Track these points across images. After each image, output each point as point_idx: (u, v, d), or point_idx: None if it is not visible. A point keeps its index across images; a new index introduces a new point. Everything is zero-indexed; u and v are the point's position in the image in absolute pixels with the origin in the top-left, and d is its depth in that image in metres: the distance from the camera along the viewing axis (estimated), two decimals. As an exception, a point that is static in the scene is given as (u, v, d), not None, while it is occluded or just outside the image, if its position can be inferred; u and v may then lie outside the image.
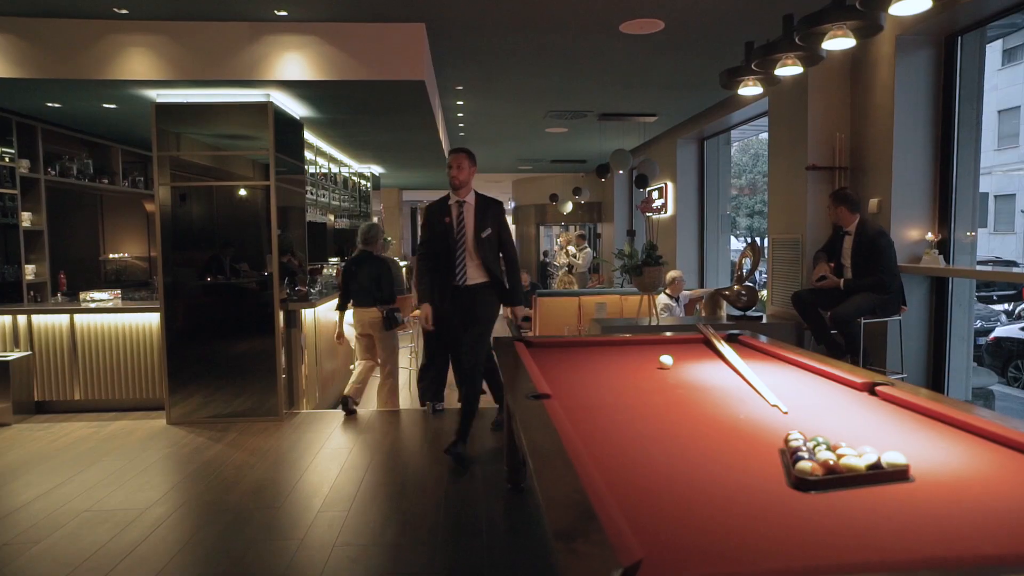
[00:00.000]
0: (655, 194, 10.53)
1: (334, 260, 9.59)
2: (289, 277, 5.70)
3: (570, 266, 12.29)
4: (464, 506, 3.49)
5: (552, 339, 3.72)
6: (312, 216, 8.19)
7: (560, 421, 2.03)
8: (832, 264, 4.82)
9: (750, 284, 5.77)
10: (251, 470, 4.02)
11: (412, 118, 6.20)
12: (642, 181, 8.68)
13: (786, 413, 2.22)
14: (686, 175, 9.81)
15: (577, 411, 2.28)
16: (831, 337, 4.74)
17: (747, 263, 5.87)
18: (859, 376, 2.59)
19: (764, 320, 5.74)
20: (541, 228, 16.58)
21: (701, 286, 9.69)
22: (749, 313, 5.75)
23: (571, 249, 12.93)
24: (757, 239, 6.36)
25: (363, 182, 10.63)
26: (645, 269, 5.49)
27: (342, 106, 5.63)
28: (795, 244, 5.63)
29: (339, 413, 5.37)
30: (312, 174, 7.97)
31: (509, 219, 24.23)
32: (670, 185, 10.04)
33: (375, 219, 11.79)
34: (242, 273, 5.40)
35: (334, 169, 8.87)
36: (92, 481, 3.87)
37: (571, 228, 16.54)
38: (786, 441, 1.79)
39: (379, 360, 5.47)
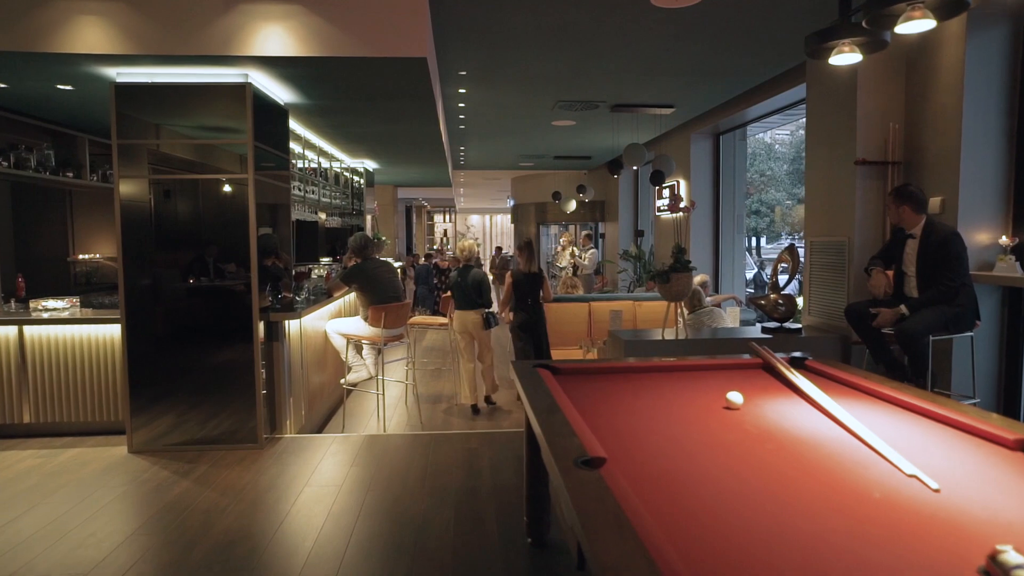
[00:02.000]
0: (665, 192, 9.94)
1: (326, 260, 8.95)
2: (272, 283, 5.06)
3: (575, 267, 11.68)
4: (477, 566, 2.87)
5: (582, 365, 3.10)
6: (301, 214, 7.56)
7: (635, 511, 1.41)
8: (891, 272, 4.23)
9: (788, 293, 5.17)
10: (221, 516, 3.38)
11: (411, 105, 5.57)
12: (658, 178, 8.08)
13: (937, 491, 1.61)
14: (700, 172, 9.24)
15: (649, 485, 1.66)
16: (891, 356, 4.14)
17: (784, 269, 5.28)
18: (1001, 428, 1.98)
19: (803, 333, 5.13)
20: (541, 227, 15.97)
21: (716, 290, 9.11)
22: (786, 325, 5.14)
23: (574, 250, 12.32)
24: (795, 242, 5.73)
25: (356, 178, 9.98)
26: (673, 276, 4.87)
27: (332, 89, 4.99)
28: (840, 248, 5.03)
29: (327, 438, 4.76)
30: (300, 169, 7.34)
31: (507, 218, 23.77)
32: (683, 183, 9.46)
33: (369, 222, 11.15)
34: (228, 274, 4.79)
35: (325, 164, 8.22)
36: (29, 530, 3.22)
37: (570, 227, 15.96)
38: (996, 562, 1.18)
39: (479, 354, 6.33)
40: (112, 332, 4.71)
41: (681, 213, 5.05)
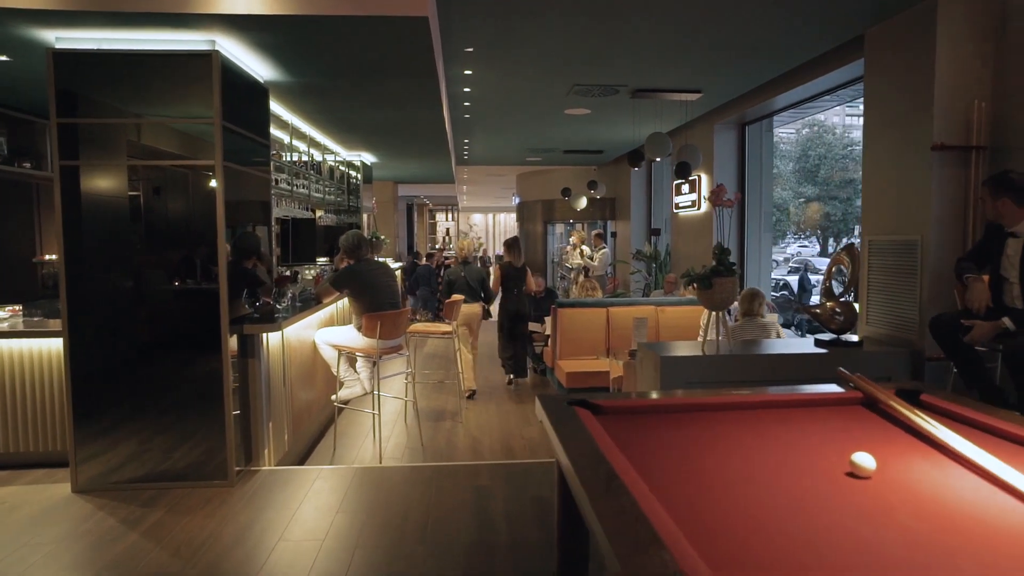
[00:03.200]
0: (685, 188, 9.23)
1: (323, 261, 8.27)
2: (250, 288, 4.37)
3: (586, 268, 10.97)
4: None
5: (630, 402, 2.39)
6: (294, 211, 6.88)
7: None
8: (987, 277, 3.53)
9: (847, 300, 4.46)
10: (168, 587, 2.68)
11: (411, 85, 4.88)
12: (683, 170, 7.36)
13: None
14: (724, 166, 8.54)
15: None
16: (988, 379, 3.44)
17: (841, 272, 4.57)
18: None
19: (864, 347, 4.42)
20: (548, 226, 15.25)
21: (743, 294, 8.40)
22: (844, 337, 4.44)
23: (585, 249, 11.61)
24: (855, 242, 5.01)
25: (353, 173, 9.28)
26: (717, 281, 4.17)
27: (318, 62, 4.30)
28: (909, 248, 4.32)
29: (311, 472, 4.06)
30: (292, 162, 6.65)
31: (512, 216, 23.04)
32: (704, 177, 8.77)
33: (366, 214, 10.47)
34: (216, 276, 4.15)
35: (317, 156, 7.53)
36: (-81, 610, 2.54)
37: (579, 226, 15.27)
38: None
39: (472, 343, 6.76)
40: (59, 346, 4.01)
41: (727, 208, 4.40)
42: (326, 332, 5.27)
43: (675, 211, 9.81)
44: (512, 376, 7.21)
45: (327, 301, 5.26)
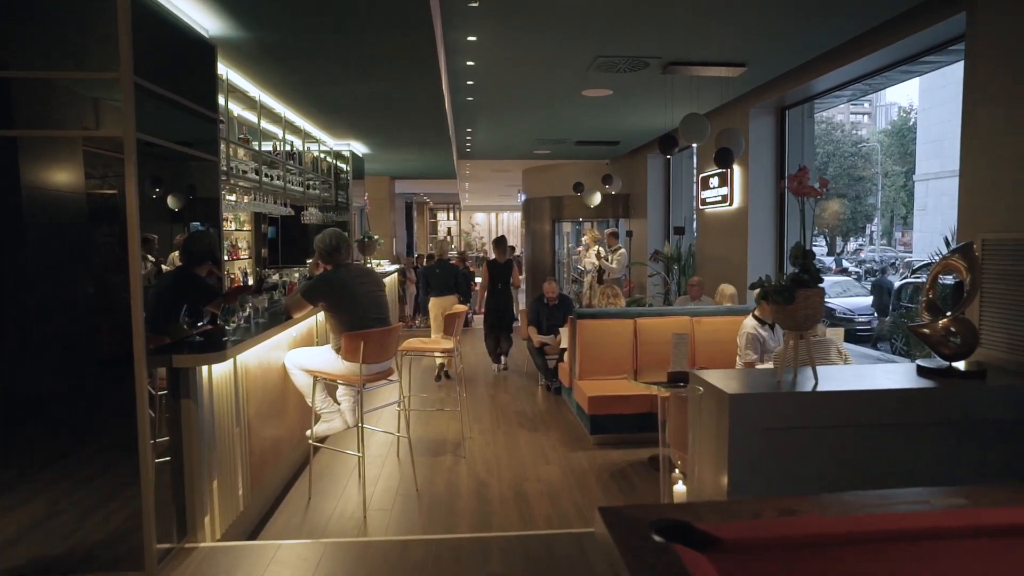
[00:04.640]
0: (714, 181, 8.22)
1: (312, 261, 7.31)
2: (191, 306, 3.38)
3: (600, 271, 9.94)
4: None
5: (767, 529, 1.37)
6: (264, 206, 5.89)
7: None
8: None
9: (962, 317, 3.44)
10: None
11: (402, 47, 3.87)
12: (724, 158, 6.36)
13: None
14: (760, 156, 7.55)
15: None
16: None
17: (950, 281, 3.56)
18: None
19: (987, 377, 3.39)
20: (557, 225, 14.23)
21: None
22: (956, 365, 3.41)
23: (600, 250, 10.57)
24: (973, 243, 3.96)
25: (341, 165, 8.27)
26: (801, 293, 3.15)
27: (279, 7, 3.29)
28: (1049, 250, 3.31)
29: (267, 549, 3.07)
30: (269, 152, 5.67)
31: (518, 215, 21.95)
32: (737, 168, 7.76)
33: (358, 212, 9.47)
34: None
35: (296, 144, 6.53)
36: None
37: (585, 224, 14.29)
38: None
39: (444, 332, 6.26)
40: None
41: (812, 197, 3.48)
42: (298, 354, 4.27)
43: (701, 207, 8.81)
44: (497, 365, 7.82)
45: (299, 316, 4.26)
